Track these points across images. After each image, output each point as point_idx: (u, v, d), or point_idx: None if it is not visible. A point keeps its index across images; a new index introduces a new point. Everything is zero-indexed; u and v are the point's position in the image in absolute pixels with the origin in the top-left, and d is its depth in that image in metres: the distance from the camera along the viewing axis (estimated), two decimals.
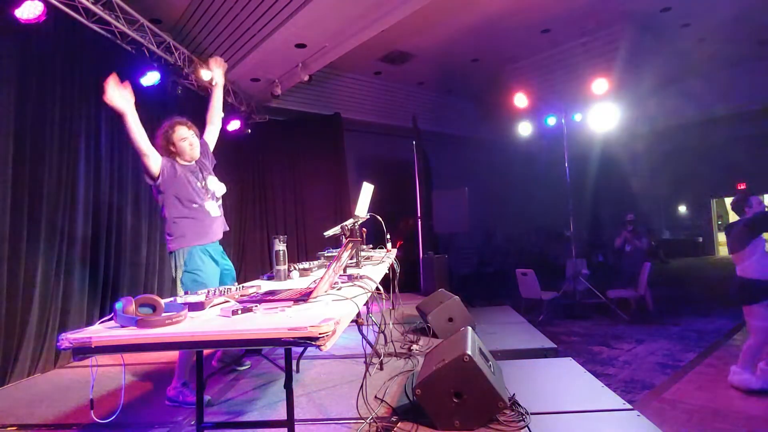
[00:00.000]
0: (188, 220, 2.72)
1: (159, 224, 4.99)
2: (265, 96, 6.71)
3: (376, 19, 4.97)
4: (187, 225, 2.71)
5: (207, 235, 2.79)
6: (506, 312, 5.25)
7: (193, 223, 2.73)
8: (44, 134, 3.64)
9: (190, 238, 2.72)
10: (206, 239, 2.78)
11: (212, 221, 2.82)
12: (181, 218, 2.71)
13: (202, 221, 2.76)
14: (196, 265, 2.70)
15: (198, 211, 2.75)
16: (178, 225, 2.71)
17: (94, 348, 1.26)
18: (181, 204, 2.71)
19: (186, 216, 2.72)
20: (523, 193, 10.32)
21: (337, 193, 7.53)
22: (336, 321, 1.28)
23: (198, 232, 2.74)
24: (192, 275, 2.68)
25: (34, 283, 3.44)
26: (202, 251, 2.75)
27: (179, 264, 2.71)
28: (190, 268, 2.70)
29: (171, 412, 2.62)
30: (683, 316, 5.93)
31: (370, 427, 2.24)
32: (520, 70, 8.21)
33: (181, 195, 2.71)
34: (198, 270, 2.70)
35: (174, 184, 2.70)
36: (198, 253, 2.73)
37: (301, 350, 3.09)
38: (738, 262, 3.37)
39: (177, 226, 2.71)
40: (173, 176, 2.70)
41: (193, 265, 2.70)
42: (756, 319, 3.25)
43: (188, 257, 2.70)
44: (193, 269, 2.70)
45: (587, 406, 2.45)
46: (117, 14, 4.36)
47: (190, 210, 2.73)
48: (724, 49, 7.49)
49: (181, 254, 2.71)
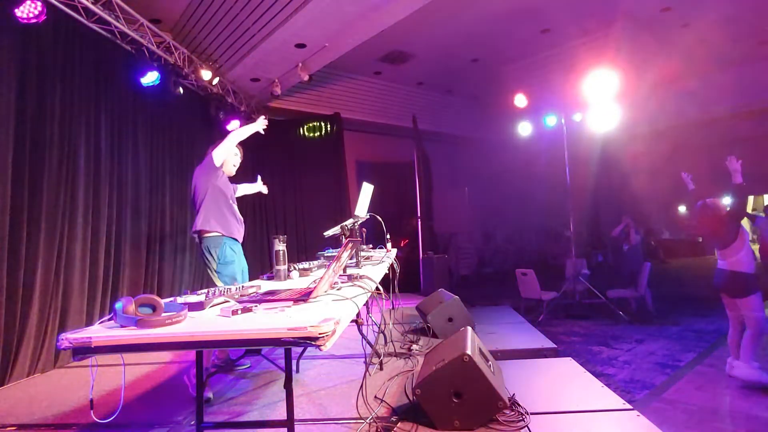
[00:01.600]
0: (228, 214, 3.08)
1: (159, 224, 5.00)
2: (265, 96, 6.71)
3: (376, 19, 4.97)
4: (227, 218, 3.06)
5: (240, 233, 3.16)
6: (506, 312, 5.25)
7: (232, 219, 3.10)
8: (44, 134, 3.64)
9: (231, 230, 3.06)
10: (239, 236, 3.15)
11: (241, 225, 3.22)
12: (222, 210, 3.05)
13: (237, 219, 3.14)
14: (228, 257, 3.03)
15: (235, 210, 3.17)
16: (220, 216, 3.02)
17: (94, 348, 1.26)
18: (225, 198, 3.09)
19: (227, 209, 3.08)
20: (523, 193, 10.31)
21: (337, 193, 7.53)
22: (336, 321, 1.28)
23: (234, 228, 3.10)
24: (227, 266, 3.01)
25: (34, 283, 3.44)
26: (234, 243, 3.10)
27: (216, 247, 3.00)
28: (226, 259, 3.01)
29: (171, 412, 2.62)
30: (683, 316, 5.92)
31: (370, 427, 2.24)
32: (520, 70, 8.20)
33: (226, 191, 3.12)
34: (231, 262, 3.03)
35: (224, 179, 3.14)
36: (231, 246, 3.06)
37: (301, 350, 3.09)
38: (727, 256, 3.42)
39: (219, 217, 3.02)
40: (223, 174, 3.15)
41: (230, 256, 3.04)
42: (752, 310, 3.30)
43: (223, 247, 3.01)
44: (227, 261, 3.02)
45: (587, 406, 2.45)
46: (117, 14, 4.36)
47: (230, 206, 3.11)
48: (724, 49, 7.49)
49: (216, 242, 3.00)
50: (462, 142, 10.33)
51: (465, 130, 10.26)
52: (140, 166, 4.81)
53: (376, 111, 8.93)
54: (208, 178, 3.05)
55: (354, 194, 7.04)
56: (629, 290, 6.10)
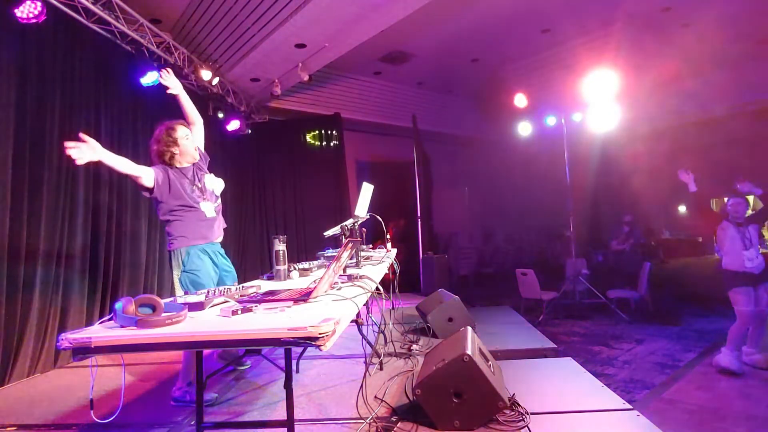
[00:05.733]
0: (186, 222, 2.77)
1: (159, 224, 5.00)
2: (265, 96, 6.71)
3: (376, 19, 4.97)
4: (185, 226, 2.76)
5: (205, 236, 2.83)
6: (506, 312, 5.25)
7: (191, 225, 2.78)
8: (44, 134, 3.64)
9: (190, 239, 2.76)
10: (204, 239, 2.82)
11: (210, 222, 2.86)
12: (178, 220, 2.76)
13: (198, 222, 2.81)
14: (194, 265, 2.74)
15: (195, 213, 2.80)
16: (177, 226, 2.76)
17: (94, 348, 1.26)
18: (178, 208, 2.76)
19: (183, 218, 2.77)
20: (523, 193, 10.29)
21: (337, 193, 7.53)
22: (336, 321, 1.28)
23: (196, 233, 2.79)
24: (190, 275, 2.71)
25: (34, 283, 3.44)
26: (201, 251, 2.79)
27: (178, 264, 2.74)
28: (189, 268, 2.73)
29: (171, 412, 2.62)
30: (683, 316, 5.92)
31: (370, 427, 2.24)
32: (520, 70, 8.20)
33: (177, 200, 2.76)
34: (196, 270, 2.73)
35: (168, 191, 2.75)
36: (197, 253, 2.77)
37: (301, 350, 3.09)
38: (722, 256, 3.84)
39: (175, 227, 2.76)
40: (167, 185, 2.75)
41: (191, 265, 2.73)
42: (737, 304, 3.62)
43: (187, 257, 2.74)
44: (191, 269, 2.72)
45: (587, 406, 2.45)
46: (116, 14, 4.36)
47: (186, 212, 2.77)
48: (724, 49, 7.48)
49: (180, 254, 2.74)
50: (462, 142, 10.32)
51: (465, 130, 10.25)
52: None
53: (376, 111, 8.92)
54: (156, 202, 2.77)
55: (354, 194, 7.04)
56: (629, 290, 6.10)
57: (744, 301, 3.56)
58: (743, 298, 3.57)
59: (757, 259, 3.60)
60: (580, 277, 6.49)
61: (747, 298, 3.56)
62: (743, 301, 3.56)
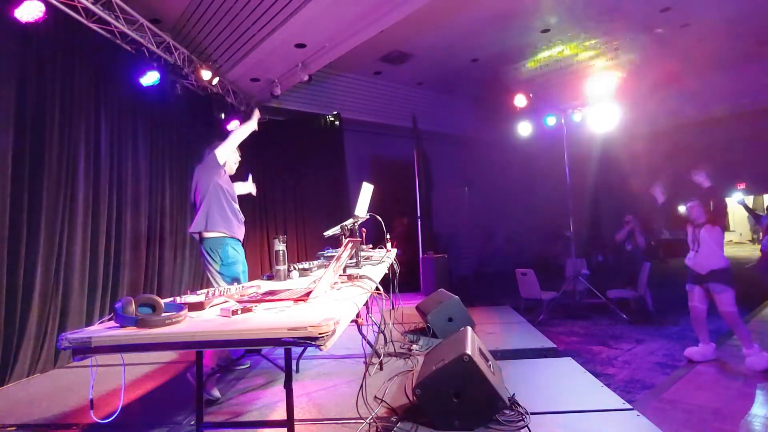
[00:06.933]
0: (231, 214, 3.05)
1: (159, 224, 5.00)
2: (265, 96, 6.70)
3: (375, 19, 4.97)
4: (230, 218, 3.04)
5: (241, 232, 3.16)
6: (506, 312, 5.25)
7: (234, 218, 3.07)
8: (44, 134, 3.64)
9: (233, 230, 3.05)
10: (241, 235, 3.15)
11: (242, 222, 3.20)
12: (225, 210, 3.03)
13: (238, 219, 3.12)
14: (234, 256, 3.03)
15: (237, 210, 3.14)
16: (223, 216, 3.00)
17: (94, 348, 1.26)
18: (227, 197, 3.06)
19: (229, 209, 3.05)
20: (523, 194, 10.30)
21: (337, 193, 7.53)
22: (336, 321, 1.28)
23: (236, 227, 3.08)
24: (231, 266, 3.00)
25: (34, 283, 3.44)
26: (236, 243, 3.09)
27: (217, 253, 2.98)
28: (231, 257, 3.01)
29: (171, 412, 2.62)
30: (683, 316, 5.91)
31: (370, 427, 2.24)
32: (520, 70, 8.20)
33: (229, 189, 3.11)
34: (235, 261, 3.03)
35: (225, 177, 3.14)
36: (233, 245, 3.06)
37: (301, 350, 3.09)
38: None
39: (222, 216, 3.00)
40: (225, 173, 3.16)
41: (233, 256, 3.03)
42: (720, 305, 3.77)
43: (225, 248, 2.99)
44: (233, 260, 3.02)
45: (587, 406, 2.45)
46: (117, 14, 4.36)
47: (231, 205, 3.09)
48: (724, 49, 7.48)
49: (220, 243, 2.99)
50: (462, 142, 10.32)
51: (465, 130, 10.25)
52: (140, 166, 4.82)
53: (376, 111, 8.92)
54: (211, 176, 3.03)
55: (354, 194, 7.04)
56: (629, 290, 6.10)
57: (689, 296, 3.96)
58: (689, 295, 3.97)
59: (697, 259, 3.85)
60: (580, 277, 6.49)
61: (690, 294, 3.95)
62: (689, 296, 3.96)
